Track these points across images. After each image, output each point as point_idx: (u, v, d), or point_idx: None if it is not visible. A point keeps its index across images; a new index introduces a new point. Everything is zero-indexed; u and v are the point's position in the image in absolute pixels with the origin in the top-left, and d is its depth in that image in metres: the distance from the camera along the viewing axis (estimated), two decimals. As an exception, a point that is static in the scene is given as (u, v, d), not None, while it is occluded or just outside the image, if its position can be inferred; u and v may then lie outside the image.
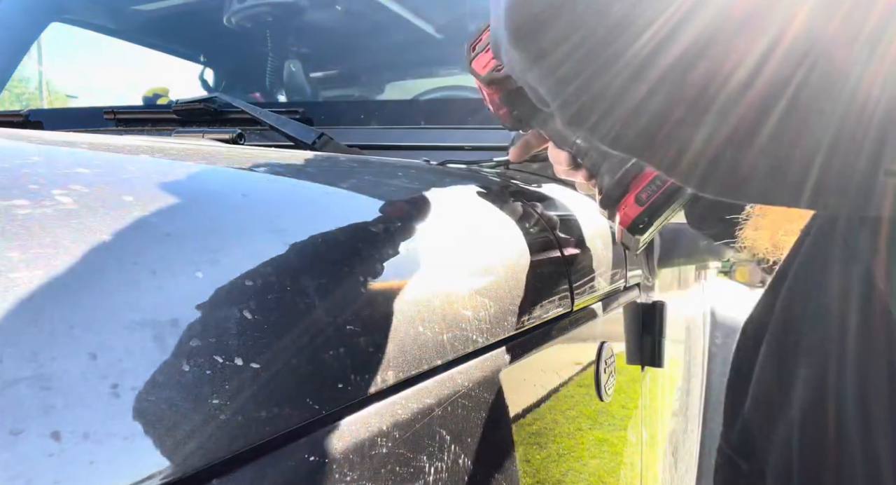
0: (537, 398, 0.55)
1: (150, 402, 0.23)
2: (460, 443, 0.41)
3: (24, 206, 0.27)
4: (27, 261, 0.24)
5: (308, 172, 0.44)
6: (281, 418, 0.28)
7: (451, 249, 0.47)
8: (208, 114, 0.91)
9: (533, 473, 0.53)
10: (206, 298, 0.27)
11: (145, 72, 1.63)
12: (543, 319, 0.56)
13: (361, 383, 0.33)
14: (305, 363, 0.30)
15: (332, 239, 0.37)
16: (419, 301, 0.40)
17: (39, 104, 6.35)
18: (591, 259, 0.73)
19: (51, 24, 1.54)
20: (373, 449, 0.33)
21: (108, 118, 1.00)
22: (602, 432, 0.74)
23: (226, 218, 0.33)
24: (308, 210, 0.38)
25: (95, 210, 0.28)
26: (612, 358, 0.76)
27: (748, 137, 0.28)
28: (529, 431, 0.53)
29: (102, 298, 0.24)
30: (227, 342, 0.27)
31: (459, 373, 0.42)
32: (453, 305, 0.43)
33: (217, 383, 0.26)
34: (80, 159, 0.34)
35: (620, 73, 0.29)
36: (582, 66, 0.30)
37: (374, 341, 0.35)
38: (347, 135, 0.90)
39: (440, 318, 0.41)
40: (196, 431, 0.24)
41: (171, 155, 0.41)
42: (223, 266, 0.29)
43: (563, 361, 0.61)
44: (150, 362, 0.24)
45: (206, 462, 0.24)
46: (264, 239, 0.33)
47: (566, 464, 0.61)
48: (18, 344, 0.21)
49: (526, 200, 0.66)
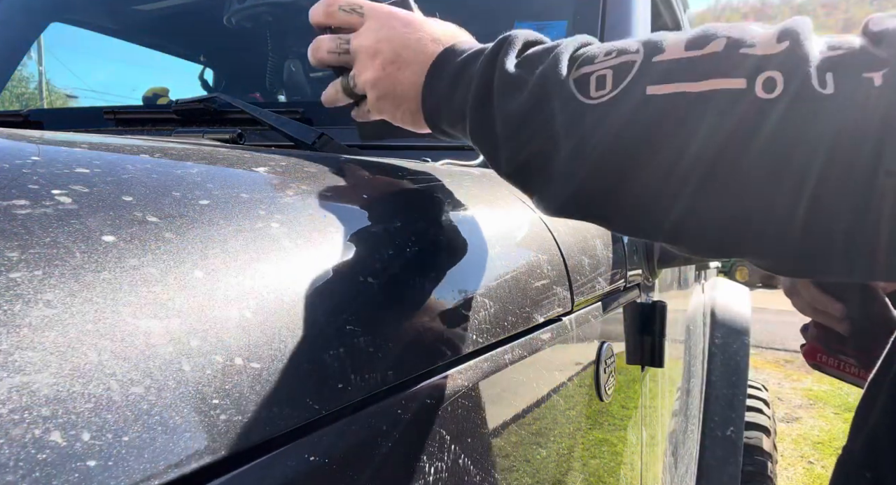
0: (537, 398, 0.55)
1: (150, 402, 0.23)
2: (460, 443, 0.41)
3: (24, 206, 0.27)
4: (27, 261, 0.24)
5: (308, 172, 0.44)
6: (281, 418, 0.28)
7: (451, 248, 0.47)
8: (208, 114, 0.91)
9: (533, 473, 0.53)
10: (205, 298, 0.27)
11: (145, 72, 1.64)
12: (543, 319, 0.56)
13: (361, 383, 0.33)
14: (305, 363, 0.30)
15: (333, 239, 0.37)
16: (419, 301, 0.40)
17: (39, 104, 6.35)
18: (591, 259, 0.73)
19: (51, 24, 1.54)
20: (373, 449, 0.33)
21: (108, 118, 1.00)
22: (602, 432, 0.74)
23: (225, 218, 0.33)
24: (308, 210, 0.38)
25: (95, 210, 0.28)
26: (612, 358, 0.76)
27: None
28: (529, 431, 0.53)
29: (102, 298, 0.24)
30: (227, 342, 0.27)
31: (459, 373, 0.42)
32: (453, 305, 0.43)
33: (217, 383, 0.26)
34: (80, 159, 0.34)
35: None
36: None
37: (374, 341, 0.35)
38: (347, 135, 0.90)
39: (440, 318, 0.41)
40: (196, 431, 0.24)
41: (171, 155, 0.41)
42: (223, 266, 0.29)
43: (563, 361, 0.61)
44: (151, 362, 0.24)
45: (206, 462, 0.24)
46: (264, 239, 0.33)
47: (566, 464, 0.61)
48: (18, 344, 0.21)
49: (526, 200, 0.66)
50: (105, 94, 1.72)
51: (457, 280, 0.45)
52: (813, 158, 0.33)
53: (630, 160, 0.38)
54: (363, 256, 0.37)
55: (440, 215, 0.49)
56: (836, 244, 0.34)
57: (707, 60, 0.36)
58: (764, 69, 0.34)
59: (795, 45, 0.34)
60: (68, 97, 2.97)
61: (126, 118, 1.00)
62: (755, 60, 0.35)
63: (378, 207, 0.43)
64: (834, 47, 0.34)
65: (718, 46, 0.37)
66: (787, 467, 3.42)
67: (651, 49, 0.39)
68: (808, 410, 4.32)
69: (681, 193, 0.37)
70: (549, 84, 0.41)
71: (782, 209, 0.34)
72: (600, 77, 0.40)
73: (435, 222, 0.47)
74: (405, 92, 0.53)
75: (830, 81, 0.33)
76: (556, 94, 0.41)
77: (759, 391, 2.66)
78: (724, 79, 0.35)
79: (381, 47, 0.54)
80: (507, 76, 0.44)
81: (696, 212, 0.37)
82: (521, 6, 1.19)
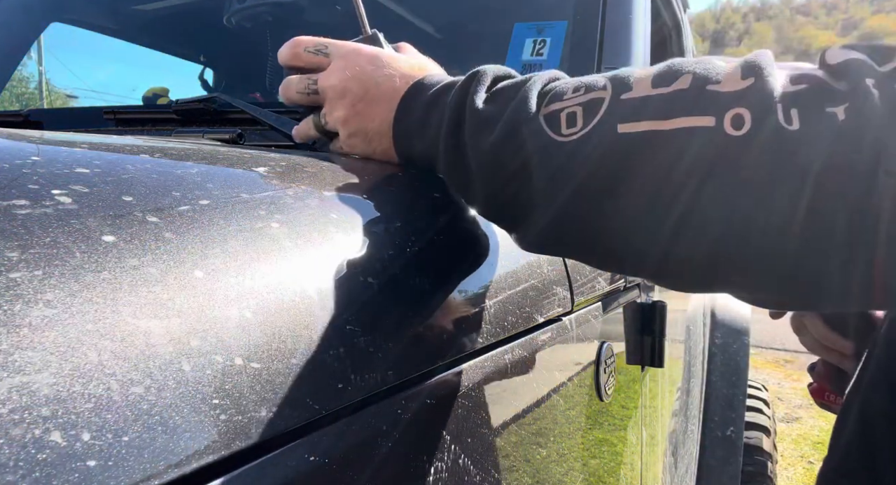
0: (537, 398, 0.55)
1: (150, 402, 0.23)
2: (460, 443, 0.41)
3: (24, 206, 0.27)
4: (27, 261, 0.24)
5: (308, 172, 0.44)
6: (281, 418, 0.28)
7: (451, 248, 0.47)
8: (208, 114, 0.91)
9: (533, 473, 0.53)
10: (205, 298, 0.27)
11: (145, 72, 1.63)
12: (543, 319, 0.56)
13: (361, 383, 0.33)
14: (305, 363, 0.30)
15: (333, 239, 0.37)
16: (419, 301, 0.40)
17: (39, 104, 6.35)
18: (591, 259, 0.73)
19: (51, 24, 1.54)
20: (373, 449, 0.33)
21: (108, 118, 1.00)
22: (602, 432, 0.74)
23: (225, 218, 0.33)
24: (308, 210, 0.38)
25: (95, 210, 0.28)
26: (612, 358, 0.76)
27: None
28: (529, 431, 0.53)
29: (102, 298, 0.24)
30: (227, 342, 0.27)
31: (459, 373, 0.42)
32: (453, 305, 0.43)
33: (217, 383, 0.26)
34: (80, 159, 0.34)
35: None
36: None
37: (374, 341, 0.35)
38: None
39: (440, 318, 0.41)
40: (196, 431, 0.24)
41: (171, 155, 0.41)
42: (223, 266, 0.29)
43: (563, 361, 0.61)
44: (151, 362, 0.24)
45: (206, 462, 0.24)
46: (264, 239, 0.33)
47: (566, 464, 0.61)
48: (17, 344, 0.21)
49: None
50: (105, 94, 1.72)
51: (457, 280, 0.45)
52: (788, 191, 0.33)
53: (605, 196, 0.38)
54: (363, 256, 0.37)
55: (440, 215, 0.49)
56: (831, 276, 0.35)
57: (674, 98, 0.37)
58: (731, 107, 0.35)
59: (760, 82, 0.35)
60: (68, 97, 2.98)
61: (126, 118, 1.00)
62: (722, 98, 0.35)
63: (378, 207, 0.43)
64: (796, 81, 0.35)
65: (685, 83, 0.37)
66: (787, 467, 3.42)
67: (618, 85, 0.39)
68: (808, 410, 4.32)
69: (659, 228, 0.37)
70: (519, 121, 0.42)
71: (761, 241, 0.35)
72: (570, 114, 0.40)
73: (435, 222, 0.47)
74: (377, 128, 0.54)
75: (796, 118, 0.33)
76: (526, 131, 0.41)
77: (759, 391, 2.66)
78: (693, 117, 0.35)
79: (349, 86, 0.54)
80: (477, 113, 0.44)
81: (676, 248, 0.38)
82: (521, 6, 1.19)
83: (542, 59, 1.03)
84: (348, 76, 0.55)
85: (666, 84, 0.37)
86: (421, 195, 0.51)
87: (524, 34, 1.06)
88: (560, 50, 1.03)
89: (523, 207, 0.43)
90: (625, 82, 0.39)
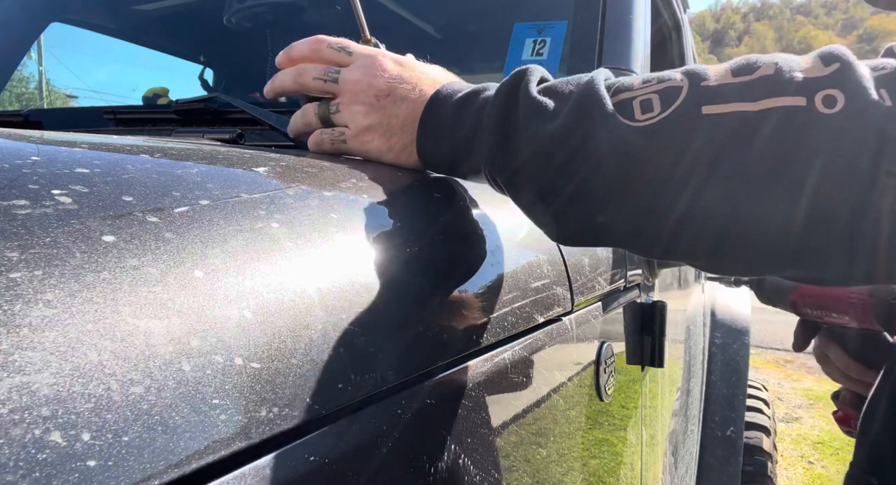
0: (537, 398, 0.55)
1: (150, 402, 0.23)
2: (460, 443, 0.41)
3: (24, 206, 0.27)
4: (27, 261, 0.24)
5: (308, 172, 0.44)
6: (281, 418, 0.28)
7: (451, 248, 0.47)
8: (208, 114, 0.91)
9: (533, 473, 0.53)
10: (205, 298, 0.27)
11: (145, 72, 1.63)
12: (543, 319, 0.56)
13: (361, 383, 0.33)
14: (305, 363, 0.30)
15: (332, 239, 0.37)
16: (419, 301, 0.40)
17: (39, 104, 6.35)
18: (591, 259, 0.73)
19: (51, 24, 1.54)
20: (373, 449, 0.33)
21: (108, 118, 1.00)
22: (602, 432, 0.74)
23: (225, 218, 0.33)
24: (308, 210, 0.38)
25: (95, 210, 0.28)
26: (612, 358, 0.76)
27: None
28: (529, 431, 0.53)
29: (102, 298, 0.24)
30: (227, 342, 0.27)
31: (459, 373, 0.42)
32: (453, 304, 0.43)
33: (217, 383, 0.26)
34: (80, 159, 0.34)
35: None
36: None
37: (374, 341, 0.35)
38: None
39: (440, 318, 0.41)
40: (196, 431, 0.24)
41: (171, 155, 0.41)
42: (223, 266, 0.29)
43: (563, 361, 0.61)
44: (151, 362, 0.24)
45: (206, 462, 0.24)
46: (264, 239, 0.33)
47: (566, 464, 0.61)
48: (17, 344, 0.21)
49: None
50: (105, 94, 1.72)
51: (457, 280, 0.45)
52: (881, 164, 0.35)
53: (688, 177, 0.39)
54: (363, 256, 0.37)
55: (440, 215, 0.49)
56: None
57: (759, 82, 0.38)
58: (820, 88, 0.36)
59: (846, 67, 0.36)
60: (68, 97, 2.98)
61: (126, 118, 1.00)
62: (810, 81, 0.37)
63: (378, 206, 0.43)
64: (877, 68, 0.37)
65: (769, 70, 0.38)
66: (787, 467, 3.42)
67: (694, 77, 0.40)
68: (808, 410, 4.32)
69: (742, 204, 0.38)
70: (588, 108, 0.41)
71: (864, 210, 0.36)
72: (645, 101, 0.40)
73: (435, 222, 0.47)
74: (399, 124, 0.54)
75: (887, 96, 0.35)
76: (597, 116, 0.41)
77: (759, 391, 2.66)
78: (783, 97, 0.37)
79: (374, 82, 0.54)
80: (535, 102, 0.44)
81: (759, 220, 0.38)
82: (522, 6, 1.19)
83: (542, 59, 1.03)
84: (375, 72, 0.54)
85: (748, 73, 0.39)
86: (421, 195, 0.51)
87: (524, 34, 1.06)
88: (560, 50, 1.03)
89: (580, 193, 0.42)
90: (700, 75, 0.40)
